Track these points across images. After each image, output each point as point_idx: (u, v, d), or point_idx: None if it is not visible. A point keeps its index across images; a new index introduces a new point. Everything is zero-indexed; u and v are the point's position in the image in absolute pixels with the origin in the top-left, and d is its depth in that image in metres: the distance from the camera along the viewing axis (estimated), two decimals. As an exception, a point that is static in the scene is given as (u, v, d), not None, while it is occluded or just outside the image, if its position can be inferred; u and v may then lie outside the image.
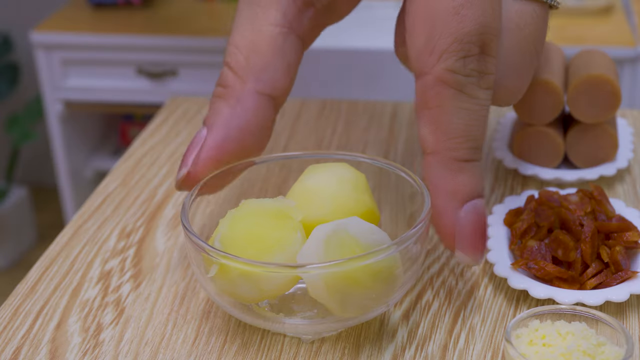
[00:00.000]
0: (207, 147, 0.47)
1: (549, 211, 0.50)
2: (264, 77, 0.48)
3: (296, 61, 0.49)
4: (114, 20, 1.61)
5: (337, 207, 0.45)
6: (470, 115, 0.43)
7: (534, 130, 0.59)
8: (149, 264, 0.51)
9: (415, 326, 0.46)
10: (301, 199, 0.45)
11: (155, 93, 1.58)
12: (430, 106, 0.43)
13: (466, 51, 0.42)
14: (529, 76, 0.47)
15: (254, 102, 0.47)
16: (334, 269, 0.40)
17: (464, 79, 0.42)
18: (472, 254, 0.43)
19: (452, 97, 0.42)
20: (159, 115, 0.72)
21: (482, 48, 0.42)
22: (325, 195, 0.45)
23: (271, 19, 0.48)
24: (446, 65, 0.42)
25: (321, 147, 0.65)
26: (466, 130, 0.43)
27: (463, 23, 0.42)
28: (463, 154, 0.43)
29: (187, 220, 0.44)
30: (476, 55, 0.42)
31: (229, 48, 0.49)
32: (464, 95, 0.42)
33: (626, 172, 0.60)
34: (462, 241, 0.43)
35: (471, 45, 0.42)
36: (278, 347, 0.44)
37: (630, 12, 1.50)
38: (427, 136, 0.43)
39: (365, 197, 0.46)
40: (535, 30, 0.45)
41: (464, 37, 0.42)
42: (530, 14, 0.45)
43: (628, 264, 0.47)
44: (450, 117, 0.42)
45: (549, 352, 0.40)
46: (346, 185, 0.45)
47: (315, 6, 0.49)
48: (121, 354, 0.44)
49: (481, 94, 0.43)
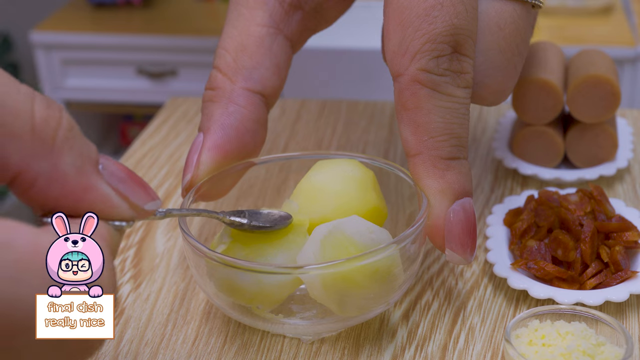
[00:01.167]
0: (207, 149, 0.47)
1: (549, 211, 0.50)
2: (253, 75, 0.48)
3: (285, 62, 0.49)
4: (114, 20, 1.61)
5: (340, 205, 0.45)
6: (450, 113, 0.43)
7: (533, 130, 0.59)
8: (148, 265, 0.51)
9: (415, 326, 0.46)
10: (306, 197, 0.46)
11: (155, 93, 1.58)
12: (408, 107, 0.43)
13: (439, 51, 0.42)
14: (513, 76, 0.47)
15: (246, 100, 0.48)
16: (329, 270, 0.40)
17: (437, 78, 0.43)
18: (461, 253, 0.43)
19: (428, 96, 0.43)
20: (158, 116, 0.72)
21: (455, 48, 0.43)
22: (329, 194, 0.45)
23: (258, 19, 0.48)
24: (420, 65, 0.42)
25: (321, 147, 0.65)
26: (447, 128, 0.43)
27: (434, 24, 0.42)
28: (447, 152, 0.43)
29: (185, 223, 0.44)
30: (448, 55, 0.43)
31: (218, 51, 0.49)
32: (440, 94, 0.43)
33: (626, 171, 0.60)
34: (451, 240, 0.43)
35: (443, 45, 0.42)
36: (278, 348, 0.44)
37: (630, 12, 1.50)
38: (409, 137, 0.43)
39: (371, 195, 0.46)
40: (516, 29, 0.46)
41: (436, 38, 0.42)
42: (510, 13, 0.46)
43: (628, 263, 0.47)
44: (429, 116, 0.43)
45: (548, 352, 0.40)
46: (351, 183, 0.45)
47: (303, 9, 0.50)
48: (121, 354, 0.44)
49: (458, 92, 0.43)
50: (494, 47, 0.45)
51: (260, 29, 0.48)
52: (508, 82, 0.47)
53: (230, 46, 0.48)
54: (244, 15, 0.49)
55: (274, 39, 0.49)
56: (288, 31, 0.50)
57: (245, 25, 0.49)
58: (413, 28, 0.42)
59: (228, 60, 0.48)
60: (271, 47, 0.49)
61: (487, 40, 0.45)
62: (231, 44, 0.49)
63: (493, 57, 0.45)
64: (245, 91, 0.48)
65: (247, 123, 0.48)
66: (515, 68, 0.47)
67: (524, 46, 0.47)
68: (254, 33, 0.48)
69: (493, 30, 0.45)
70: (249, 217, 0.43)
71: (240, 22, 0.49)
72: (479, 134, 0.66)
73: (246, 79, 0.48)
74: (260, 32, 0.48)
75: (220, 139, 0.47)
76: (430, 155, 0.43)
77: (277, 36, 0.49)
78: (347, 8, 0.53)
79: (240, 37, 0.48)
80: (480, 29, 0.45)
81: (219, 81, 0.48)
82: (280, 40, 0.49)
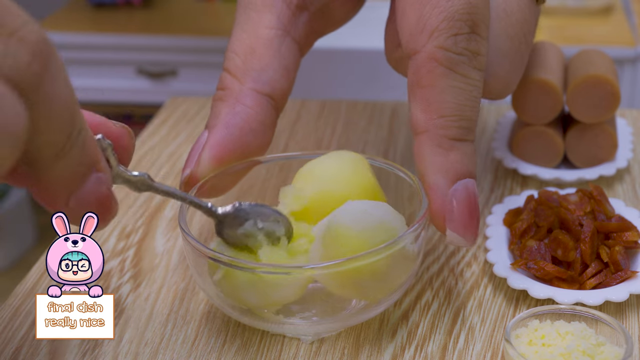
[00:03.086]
0: (209, 146, 0.47)
1: (549, 211, 0.50)
2: (262, 77, 0.48)
3: (294, 65, 0.50)
4: (114, 20, 1.61)
5: (334, 176, 0.45)
6: (463, 94, 0.43)
7: (533, 130, 0.59)
8: (148, 265, 0.51)
9: (415, 326, 0.46)
10: (303, 179, 0.46)
11: (155, 93, 1.58)
12: (423, 85, 0.43)
13: (457, 29, 0.42)
14: (520, 65, 0.47)
15: (253, 101, 0.48)
16: (329, 269, 0.40)
17: (455, 57, 0.43)
18: (462, 233, 0.43)
19: (444, 75, 0.42)
20: (158, 115, 0.72)
21: (472, 27, 0.43)
22: (325, 169, 0.46)
23: (266, 22, 0.49)
24: (437, 42, 0.42)
25: (321, 147, 0.65)
26: (458, 109, 0.43)
27: (452, 2, 0.42)
28: (455, 133, 0.43)
29: (185, 222, 0.44)
30: (466, 34, 0.43)
31: (227, 54, 0.49)
32: (456, 74, 0.43)
33: (625, 171, 0.60)
34: (453, 220, 0.43)
35: (461, 23, 0.42)
36: (278, 348, 0.44)
37: (630, 12, 1.50)
38: (419, 115, 0.43)
39: (366, 172, 0.46)
40: (523, 18, 0.46)
41: (454, 15, 0.42)
42: (516, 2, 0.46)
43: (627, 263, 0.47)
44: (442, 96, 0.43)
45: (548, 352, 0.40)
46: (346, 161, 0.46)
47: (309, 10, 0.50)
48: (121, 355, 0.44)
49: (473, 74, 0.43)
50: (503, 33, 0.45)
51: (269, 31, 0.49)
52: (515, 71, 0.47)
53: (240, 49, 0.49)
54: (253, 19, 0.49)
55: (282, 41, 0.49)
56: (295, 33, 0.50)
57: (253, 28, 0.49)
58: (431, 5, 0.42)
59: (237, 62, 0.49)
60: (279, 49, 0.49)
61: (495, 26, 0.45)
62: (240, 47, 0.49)
63: (502, 44, 0.45)
64: (253, 92, 0.48)
65: (253, 124, 0.48)
66: (522, 57, 0.47)
67: (530, 36, 0.47)
68: (263, 35, 0.49)
69: (501, 16, 0.45)
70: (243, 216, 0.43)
71: (249, 25, 0.49)
72: (479, 134, 0.66)
73: (255, 81, 0.48)
74: (269, 34, 0.49)
75: (223, 137, 0.47)
76: (437, 133, 0.43)
77: (285, 38, 0.49)
78: (355, 10, 0.53)
79: (249, 40, 0.49)
80: (490, 16, 0.45)
81: (228, 82, 0.49)
82: (288, 42, 0.49)
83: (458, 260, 0.51)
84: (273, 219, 0.43)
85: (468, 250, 0.51)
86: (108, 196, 0.36)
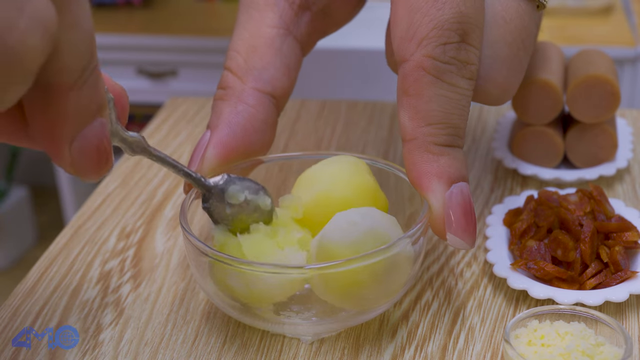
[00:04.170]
0: (212, 145, 0.47)
1: (549, 211, 0.50)
2: (264, 76, 0.48)
3: (295, 64, 0.50)
4: (114, 20, 1.61)
5: (333, 182, 0.45)
6: (450, 103, 0.43)
7: (533, 130, 0.59)
8: (148, 265, 0.52)
9: (415, 326, 0.46)
10: (302, 186, 0.46)
11: (155, 93, 1.58)
12: (410, 93, 0.43)
13: (446, 37, 0.42)
14: (519, 71, 0.47)
15: (255, 100, 0.48)
16: (329, 270, 0.40)
17: (443, 66, 0.42)
18: (462, 236, 0.43)
19: (431, 83, 0.42)
20: (158, 115, 0.72)
21: (462, 37, 0.43)
22: (323, 176, 0.46)
23: (268, 21, 0.49)
24: (426, 51, 0.42)
25: (321, 148, 0.65)
26: (445, 117, 0.43)
27: (442, 10, 0.42)
28: (443, 140, 0.43)
29: (186, 221, 0.44)
30: (455, 44, 0.43)
31: (229, 53, 0.49)
32: (443, 82, 0.43)
33: (625, 172, 0.60)
34: (452, 223, 0.43)
35: (451, 32, 0.42)
36: (277, 348, 0.44)
37: (630, 12, 1.50)
38: (407, 122, 0.43)
39: (365, 175, 0.46)
40: (522, 24, 0.46)
41: (444, 24, 0.42)
42: (515, 8, 0.46)
43: (627, 264, 0.47)
44: (429, 104, 0.43)
45: (547, 352, 0.40)
46: (344, 165, 0.46)
47: (312, 10, 0.50)
48: (121, 355, 0.44)
49: (462, 83, 0.43)
50: (500, 39, 0.45)
51: (271, 30, 0.49)
52: (514, 77, 0.47)
53: (241, 48, 0.49)
54: (254, 17, 0.49)
55: (284, 40, 0.49)
56: (297, 33, 0.50)
57: (255, 27, 0.49)
58: (421, 13, 0.42)
59: (239, 61, 0.49)
60: (281, 48, 0.49)
61: (493, 33, 0.45)
62: (242, 46, 0.49)
63: (499, 50, 0.45)
64: (255, 91, 0.48)
65: (255, 122, 0.48)
66: (521, 63, 0.47)
67: (529, 42, 0.47)
68: (264, 34, 0.49)
69: (499, 23, 0.45)
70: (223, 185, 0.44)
71: (251, 24, 0.49)
72: (479, 134, 0.66)
73: (256, 80, 0.48)
74: (271, 33, 0.49)
75: (226, 136, 0.47)
76: (425, 140, 0.43)
77: (287, 37, 0.49)
78: (355, 11, 0.53)
79: (251, 39, 0.49)
80: (486, 22, 0.45)
81: (229, 81, 0.49)
82: (290, 41, 0.49)
83: (458, 260, 0.51)
84: (262, 193, 0.45)
85: (468, 251, 0.51)
86: (109, 144, 0.36)
